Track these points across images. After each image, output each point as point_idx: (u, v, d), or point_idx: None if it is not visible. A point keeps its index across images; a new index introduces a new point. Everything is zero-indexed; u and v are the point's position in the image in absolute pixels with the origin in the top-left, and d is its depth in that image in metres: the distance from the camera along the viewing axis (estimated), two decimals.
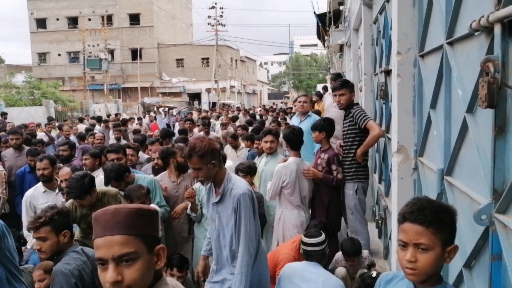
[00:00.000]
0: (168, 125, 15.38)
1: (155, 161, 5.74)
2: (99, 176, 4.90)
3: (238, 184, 3.30)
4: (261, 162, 5.70)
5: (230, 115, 15.66)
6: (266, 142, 5.52)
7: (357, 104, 5.36)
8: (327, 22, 15.70)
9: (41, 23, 50.00)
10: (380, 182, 5.90)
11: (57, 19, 49.49)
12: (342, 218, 5.21)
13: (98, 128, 12.34)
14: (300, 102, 6.92)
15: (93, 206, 4.00)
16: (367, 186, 5.30)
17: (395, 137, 3.94)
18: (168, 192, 5.02)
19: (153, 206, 4.37)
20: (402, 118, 3.80)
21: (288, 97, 45.99)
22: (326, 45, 18.29)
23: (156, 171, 5.61)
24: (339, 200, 5.08)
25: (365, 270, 4.14)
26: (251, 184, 5.12)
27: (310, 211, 5.04)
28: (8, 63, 54.54)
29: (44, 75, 46.35)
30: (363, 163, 5.05)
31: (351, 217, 5.04)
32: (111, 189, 4.38)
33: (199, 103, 44.29)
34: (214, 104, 40.69)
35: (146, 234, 1.49)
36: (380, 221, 5.43)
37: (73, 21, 48.89)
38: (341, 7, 13.29)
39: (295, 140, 4.92)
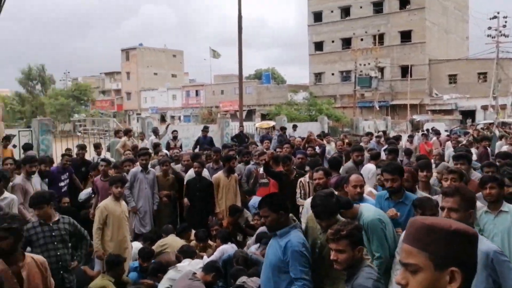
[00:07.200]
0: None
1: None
2: None
3: None
4: None
5: None
6: None
7: None
8: None
9: (319, 46, 54.69)
10: None
11: (332, 41, 53.33)
12: None
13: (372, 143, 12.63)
14: None
15: None
16: None
17: None
18: None
19: None
20: None
21: None
22: None
23: None
24: None
25: None
26: None
27: None
28: (289, 83, 61.34)
29: (319, 93, 50.11)
30: None
31: None
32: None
33: (473, 122, 40.79)
34: (491, 123, 36.79)
35: (433, 252, 1.47)
36: None
37: (347, 42, 51.92)
38: None
39: None
